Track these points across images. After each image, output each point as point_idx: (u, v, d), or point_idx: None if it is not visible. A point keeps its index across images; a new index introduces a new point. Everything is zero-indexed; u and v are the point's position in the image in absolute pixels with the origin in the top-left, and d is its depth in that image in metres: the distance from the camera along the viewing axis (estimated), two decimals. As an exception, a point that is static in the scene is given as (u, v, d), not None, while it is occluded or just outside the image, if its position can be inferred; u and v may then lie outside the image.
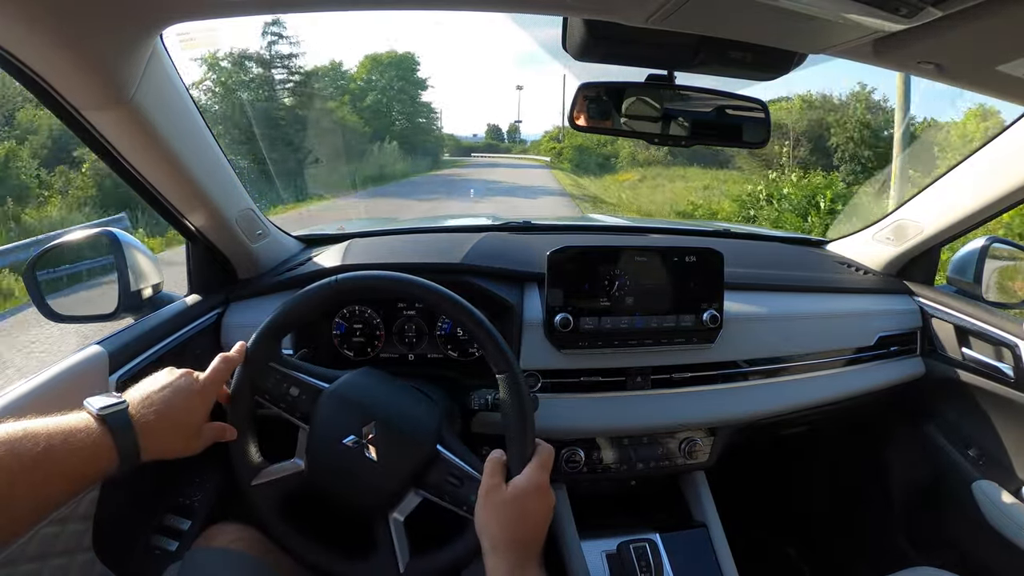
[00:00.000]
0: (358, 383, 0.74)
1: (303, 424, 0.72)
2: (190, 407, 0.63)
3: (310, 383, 0.73)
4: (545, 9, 0.61)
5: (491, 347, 0.71)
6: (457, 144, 52.65)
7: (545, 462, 0.66)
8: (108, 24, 0.55)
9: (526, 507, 0.63)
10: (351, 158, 21.05)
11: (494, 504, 0.63)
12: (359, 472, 0.69)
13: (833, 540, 1.44)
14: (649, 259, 0.99)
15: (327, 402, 0.71)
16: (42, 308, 0.85)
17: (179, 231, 0.94)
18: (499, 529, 0.62)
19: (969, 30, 0.53)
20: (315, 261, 1.09)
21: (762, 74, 0.74)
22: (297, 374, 0.73)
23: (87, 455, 0.52)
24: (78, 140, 0.71)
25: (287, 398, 0.72)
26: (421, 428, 0.72)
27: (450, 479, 0.70)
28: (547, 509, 0.65)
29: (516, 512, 0.62)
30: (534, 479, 0.64)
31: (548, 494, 0.65)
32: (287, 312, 0.73)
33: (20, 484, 0.47)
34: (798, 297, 1.14)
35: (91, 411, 0.55)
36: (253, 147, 14.25)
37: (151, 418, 0.58)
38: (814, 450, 1.46)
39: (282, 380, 0.72)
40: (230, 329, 0.98)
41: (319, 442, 0.70)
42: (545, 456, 0.67)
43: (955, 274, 1.18)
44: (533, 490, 0.64)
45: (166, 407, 0.60)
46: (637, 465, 1.03)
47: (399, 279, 0.73)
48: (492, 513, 0.63)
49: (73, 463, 0.51)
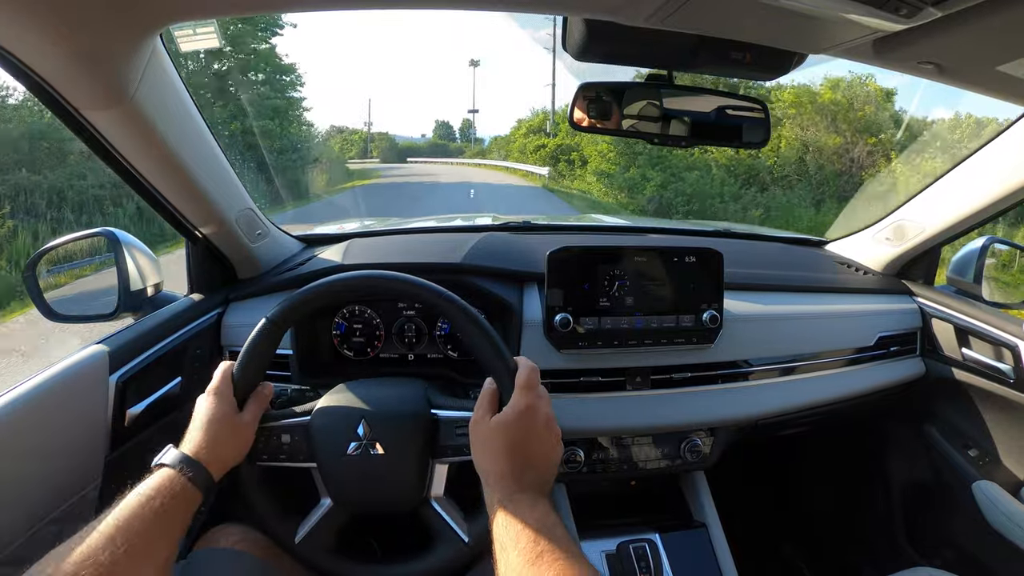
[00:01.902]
0: (334, 397, 0.73)
1: (311, 463, 0.70)
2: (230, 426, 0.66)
3: (295, 423, 0.71)
4: (545, 9, 0.61)
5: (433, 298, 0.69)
6: (391, 146, 43.49)
7: (527, 382, 0.62)
8: (108, 24, 0.55)
9: (511, 435, 0.59)
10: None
11: (477, 437, 0.61)
12: (376, 472, 0.68)
13: (833, 540, 1.44)
14: (649, 259, 0.99)
15: (317, 429, 0.70)
16: (42, 307, 0.85)
17: (179, 231, 0.94)
18: (486, 462, 0.60)
19: (969, 30, 0.53)
20: (315, 261, 1.09)
21: (762, 74, 0.74)
22: (279, 422, 0.71)
23: (179, 507, 0.57)
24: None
25: (284, 448, 0.70)
26: (407, 402, 0.71)
27: (458, 433, 0.69)
28: (537, 432, 0.60)
29: (501, 442, 0.59)
30: (517, 404, 0.61)
31: (533, 416, 0.60)
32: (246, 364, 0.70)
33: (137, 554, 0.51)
34: (798, 297, 1.14)
35: (166, 464, 0.60)
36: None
37: (204, 451, 0.62)
38: (814, 450, 1.46)
39: (270, 435, 0.70)
40: (230, 329, 0.98)
41: (330, 468, 0.69)
42: (524, 377, 0.62)
43: (955, 274, 1.18)
44: (515, 417, 0.60)
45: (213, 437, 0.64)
46: (637, 465, 1.03)
47: (317, 285, 0.70)
48: (477, 446, 0.61)
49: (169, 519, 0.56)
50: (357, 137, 51.24)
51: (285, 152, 14.64)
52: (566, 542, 0.51)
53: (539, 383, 0.63)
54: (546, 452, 0.61)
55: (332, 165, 20.03)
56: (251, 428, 0.67)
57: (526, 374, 0.63)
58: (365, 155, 46.22)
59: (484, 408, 0.63)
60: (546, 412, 0.62)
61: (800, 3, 0.49)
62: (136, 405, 0.80)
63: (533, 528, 0.52)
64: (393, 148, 43.58)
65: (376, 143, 48.87)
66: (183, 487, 0.58)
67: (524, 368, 0.63)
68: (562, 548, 0.50)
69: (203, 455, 0.61)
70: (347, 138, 51.54)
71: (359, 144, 50.36)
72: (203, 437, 0.62)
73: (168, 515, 0.55)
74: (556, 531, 0.52)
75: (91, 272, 0.93)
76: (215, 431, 0.63)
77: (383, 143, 46.32)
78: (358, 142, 50.67)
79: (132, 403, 0.79)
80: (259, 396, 0.68)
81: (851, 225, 1.37)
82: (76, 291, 0.93)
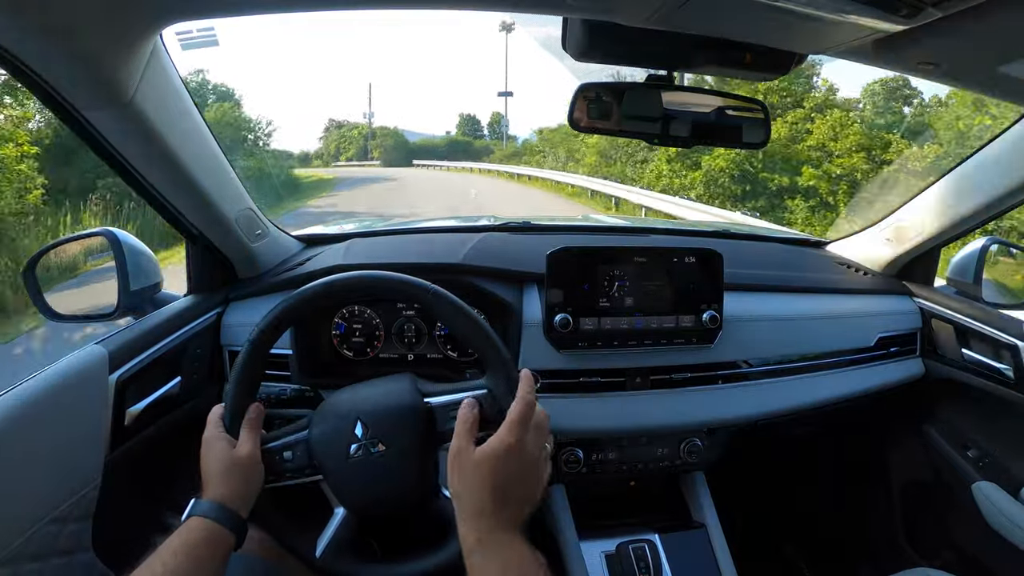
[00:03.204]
0: (326, 405, 0.72)
1: (317, 476, 0.69)
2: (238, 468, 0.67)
3: (294, 440, 0.70)
4: (545, 9, 0.61)
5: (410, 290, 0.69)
6: (397, 144, 34.08)
7: (520, 416, 0.58)
8: (108, 24, 0.55)
9: (493, 472, 0.56)
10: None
11: (457, 467, 0.59)
12: (382, 470, 0.67)
13: (833, 540, 1.44)
14: (649, 260, 0.99)
15: (317, 440, 0.69)
16: (41, 307, 0.85)
17: (179, 231, 0.94)
18: (464, 496, 0.57)
19: (969, 30, 0.53)
20: (315, 261, 1.09)
21: (762, 74, 0.74)
22: (280, 440, 0.70)
23: (217, 554, 0.60)
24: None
25: (288, 465, 0.69)
26: (399, 395, 0.70)
27: (452, 416, 0.67)
28: (522, 472, 0.57)
29: (482, 478, 0.56)
30: (504, 439, 0.57)
31: (519, 454, 0.57)
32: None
33: None
34: (798, 298, 1.14)
35: (198, 515, 0.61)
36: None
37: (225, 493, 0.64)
38: (814, 450, 1.46)
39: (272, 456, 0.69)
40: (229, 329, 0.98)
41: (337, 475, 0.68)
42: (516, 412, 0.58)
43: (955, 275, 1.18)
44: (502, 453, 0.56)
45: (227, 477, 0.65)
46: (637, 465, 1.03)
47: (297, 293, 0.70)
48: (456, 477, 0.58)
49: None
50: (356, 133, 42.53)
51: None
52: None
53: (532, 417, 0.59)
54: (527, 493, 0.58)
55: (262, 180, 13.30)
56: (255, 456, 0.67)
57: (519, 409, 0.58)
58: (365, 156, 38.72)
59: (465, 437, 0.60)
60: (532, 451, 0.58)
61: (800, 3, 0.49)
62: (136, 405, 0.80)
63: (507, 567, 0.53)
64: (400, 147, 33.80)
65: (379, 140, 38.99)
66: (219, 533, 0.60)
67: (519, 402, 0.59)
68: None
69: (227, 499, 0.63)
70: (344, 135, 43.16)
71: (357, 142, 41.47)
72: (219, 482, 0.64)
73: (208, 564, 0.58)
74: (530, 569, 0.52)
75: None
76: (227, 473, 0.64)
77: (387, 140, 36.58)
78: (356, 139, 41.84)
79: (132, 403, 0.79)
80: (251, 423, 0.68)
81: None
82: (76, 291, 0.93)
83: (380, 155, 35.93)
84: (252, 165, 14.16)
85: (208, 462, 0.65)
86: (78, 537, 0.71)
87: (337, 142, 44.13)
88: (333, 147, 43.56)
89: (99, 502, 0.74)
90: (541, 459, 0.60)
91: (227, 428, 0.68)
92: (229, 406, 0.69)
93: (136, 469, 0.81)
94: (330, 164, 37.44)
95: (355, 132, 43.56)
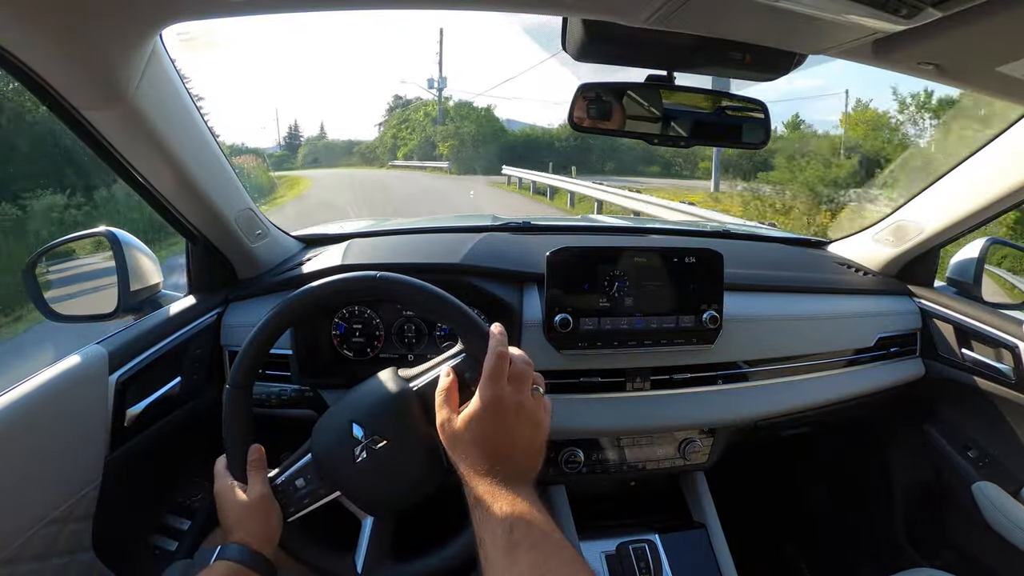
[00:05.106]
0: (319, 423, 0.72)
1: (335, 492, 0.69)
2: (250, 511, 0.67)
3: (301, 464, 0.70)
4: (545, 9, 0.61)
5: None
6: (487, 134, 24.77)
7: (493, 372, 0.57)
8: (108, 24, 0.55)
9: (478, 431, 0.56)
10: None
11: (447, 438, 0.59)
12: (392, 463, 0.67)
13: (833, 541, 1.44)
14: (649, 260, 0.99)
15: (321, 455, 0.69)
16: (41, 307, 0.85)
17: (179, 231, 0.94)
18: (459, 460, 0.58)
19: (969, 31, 0.53)
20: (314, 261, 1.09)
21: (762, 74, 0.74)
22: (288, 472, 0.70)
23: None
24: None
25: (303, 492, 0.69)
26: (381, 388, 0.69)
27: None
28: (506, 424, 0.56)
29: (469, 439, 0.57)
30: (482, 397, 0.57)
31: (499, 408, 0.56)
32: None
33: None
34: (798, 298, 1.14)
35: (227, 559, 0.62)
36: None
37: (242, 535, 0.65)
38: (814, 451, 1.46)
39: (286, 487, 0.69)
40: (229, 329, 0.98)
41: (351, 483, 0.68)
42: (489, 368, 0.57)
43: (955, 275, 1.18)
44: (481, 411, 0.57)
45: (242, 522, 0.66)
46: (637, 465, 1.03)
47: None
48: (449, 447, 0.59)
49: None
50: (421, 115, 29.63)
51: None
52: (541, 531, 0.50)
53: (506, 371, 0.58)
54: (522, 442, 0.57)
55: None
56: (267, 495, 0.67)
57: (492, 364, 0.58)
58: (431, 152, 27.11)
59: (446, 407, 0.60)
60: (515, 401, 0.57)
61: (800, 3, 0.49)
62: (136, 405, 0.80)
63: (508, 521, 0.50)
64: (491, 138, 24.68)
65: (452, 126, 26.47)
66: (245, 575, 0.61)
67: (491, 356, 0.58)
68: (536, 536, 0.49)
69: (249, 542, 0.63)
70: (409, 117, 31.50)
71: (423, 128, 28.41)
72: (239, 528, 0.65)
73: None
74: (533, 519, 0.50)
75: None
76: (245, 518, 0.65)
77: (465, 126, 25.84)
78: (422, 123, 28.91)
79: (132, 403, 0.79)
80: (254, 464, 0.68)
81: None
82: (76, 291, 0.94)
83: (450, 153, 23.00)
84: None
85: (224, 512, 0.66)
86: (78, 537, 0.71)
87: (395, 129, 31.92)
88: (390, 138, 31.97)
89: (99, 502, 0.74)
90: (530, 405, 0.58)
91: (235, 476, 0.68)
92: (230, 454, 0.69)
93: (136, 469, 0.81)
94: (386, 164, 28.90)
95: (420, 113, 30.47)
